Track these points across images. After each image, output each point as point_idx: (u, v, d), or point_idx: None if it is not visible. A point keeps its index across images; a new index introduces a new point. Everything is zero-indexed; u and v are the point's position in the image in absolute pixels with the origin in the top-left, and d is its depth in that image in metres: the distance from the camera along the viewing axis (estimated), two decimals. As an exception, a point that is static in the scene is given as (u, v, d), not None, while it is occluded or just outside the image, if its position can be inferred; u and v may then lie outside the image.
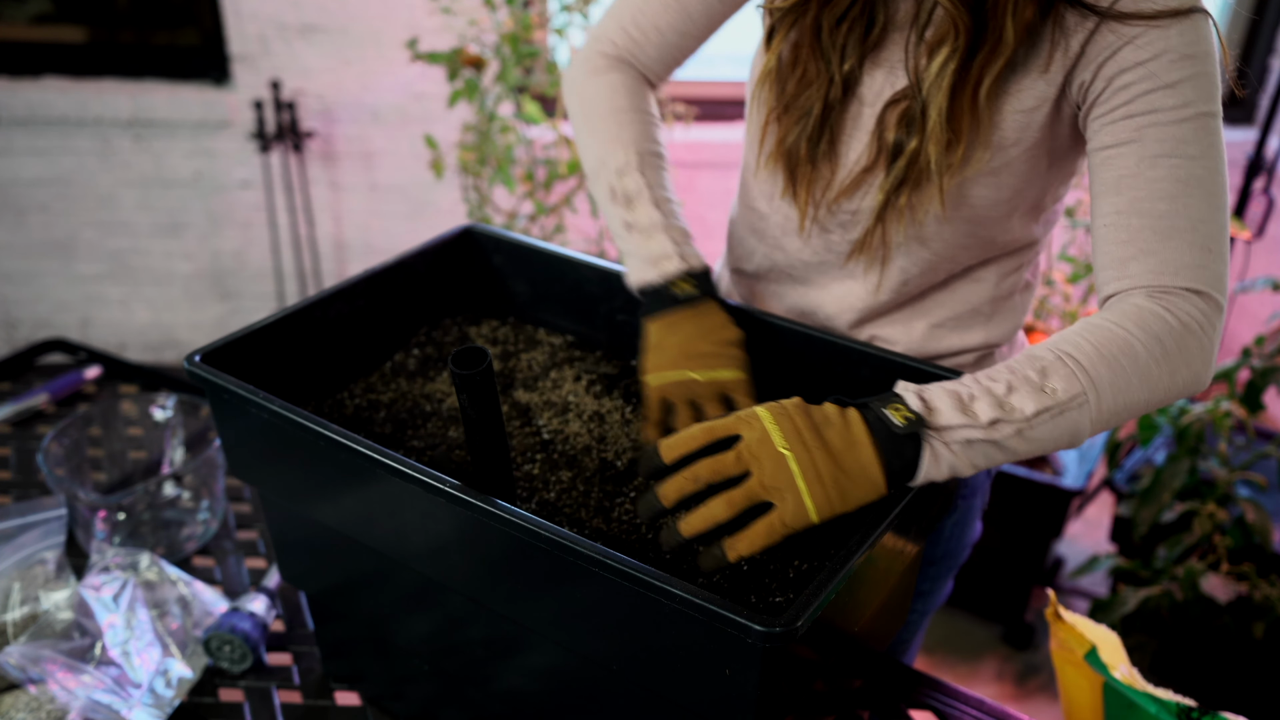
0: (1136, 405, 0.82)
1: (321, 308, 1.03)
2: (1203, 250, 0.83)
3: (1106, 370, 0.80)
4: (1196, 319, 0.83)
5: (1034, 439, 0.79)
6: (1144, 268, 0.84)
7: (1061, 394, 0.78)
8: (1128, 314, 0.83)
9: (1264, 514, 1.92)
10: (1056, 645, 0.96)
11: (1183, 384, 0.84)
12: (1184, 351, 0.82)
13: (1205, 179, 0.83)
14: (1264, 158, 2.38)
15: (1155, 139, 0.84)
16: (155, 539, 1.26)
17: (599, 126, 1.04)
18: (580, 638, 0.78)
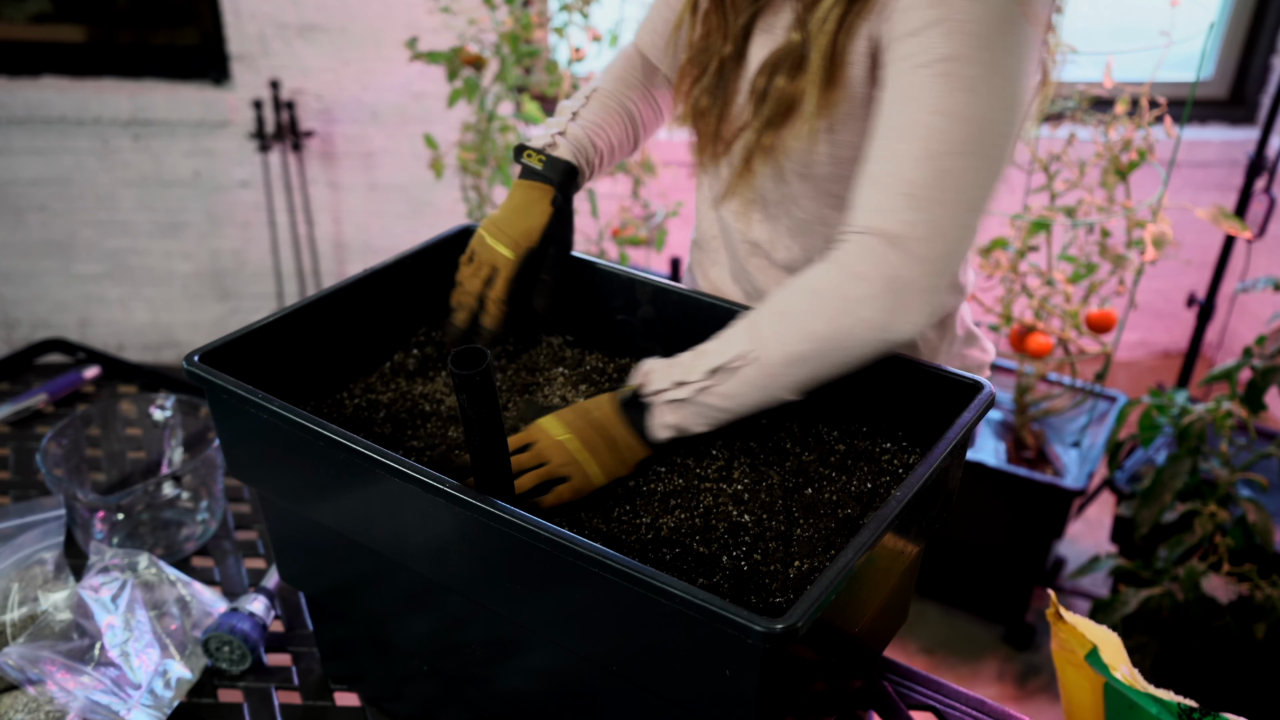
0: (806, 353, 0.86)
1: (321, 308, 1.03)
2: (899, 195, 0.83)
3: (773, 324, 0.87)
4: (857, 267, 0.84)
5: (729, 394, 0.88)
6: (852, 210, 0.88)
7: (730, 352, 0.88)
8: (807, 270, 0.89)
9: (1265, 514, 1.92)
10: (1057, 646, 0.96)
11: (848, 330, 0.85)
12: (843, 299, 0.85)
13: (929, 125, 0.82)
14: (1265, 157, 2.38)
15: (898, 88, 0.86)
16: (154, 539, 1.25)
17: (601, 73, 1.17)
18: (580, 638, 0.78)
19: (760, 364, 0.87)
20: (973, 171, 0.83)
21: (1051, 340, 2.19)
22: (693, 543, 0.85)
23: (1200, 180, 3.08)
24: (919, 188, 0.83)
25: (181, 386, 1.54)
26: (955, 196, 0.83)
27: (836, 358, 0.87)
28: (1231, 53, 3.02)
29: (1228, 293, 3.12)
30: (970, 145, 0.83)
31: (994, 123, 0.83)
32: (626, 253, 2.56)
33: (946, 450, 0.82)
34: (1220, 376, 1.92)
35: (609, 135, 1.11)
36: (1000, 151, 0.85)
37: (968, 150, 0.83)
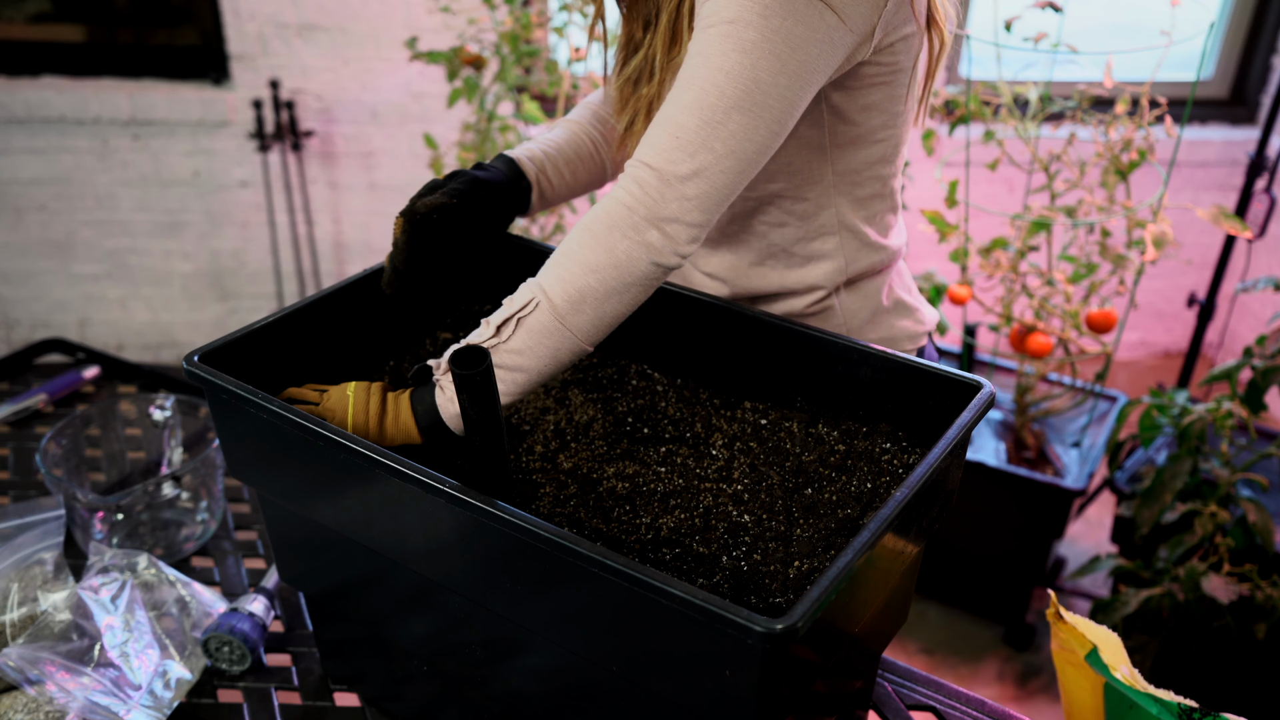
0: (589, 288, 0.89)
1: (321, 308, 1.03)
2: (670, 136, 0.89)
3: (552, 269, 0.90)
4: (623, 199, 0.89)
5: (516, 349, 0.89)
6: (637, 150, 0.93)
7: (517, 302, 0.90)
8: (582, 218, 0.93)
9: (1266, 514, 1.92)
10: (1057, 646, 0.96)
11: (625, 256, 0.89)
12: (616, 227, 0.89)
13: (701, 77, 0.89)
14: (1265, 157, 2.38)
15: (692, 46, 0.92)
16: (154, 539, 1.25)
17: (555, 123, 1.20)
18: (580, 638, 0.78)
19: (544, 307, 0.89)
20: (738, 125, 0.89)
21: (1052, 340, 2.19)
22: (693, 543, 0.85)
23: (1200, 180, 3.08)
24: (686, 132, 0.89)
25: (181, 386, 1.54)
26: (719, 145, 0.89)
27: (618, 290, 0.90)
28: (1232, 52, 3.02)
29: (1228, 293, 3.12)
30: (739, 101, 0.89)
31: (768, 85, 0.89)
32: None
33: (946, 450, 0.82)
34: (1221, 376, 1.92)
35: (569, 150, 1.14)
36: (772, 112, 0.90)
37: (736, 105, 0.89)
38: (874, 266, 1.14)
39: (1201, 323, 2.51)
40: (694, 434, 0.99)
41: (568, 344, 0.90)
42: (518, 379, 0.90)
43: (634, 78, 1.08)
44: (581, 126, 1.17)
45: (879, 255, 1.14)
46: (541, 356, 0.89)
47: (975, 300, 2.23)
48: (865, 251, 1.13)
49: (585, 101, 1.21)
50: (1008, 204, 2.74)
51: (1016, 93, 2.14)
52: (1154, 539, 2.09)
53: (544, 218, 2.50)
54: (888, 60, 0.99)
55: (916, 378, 0.95)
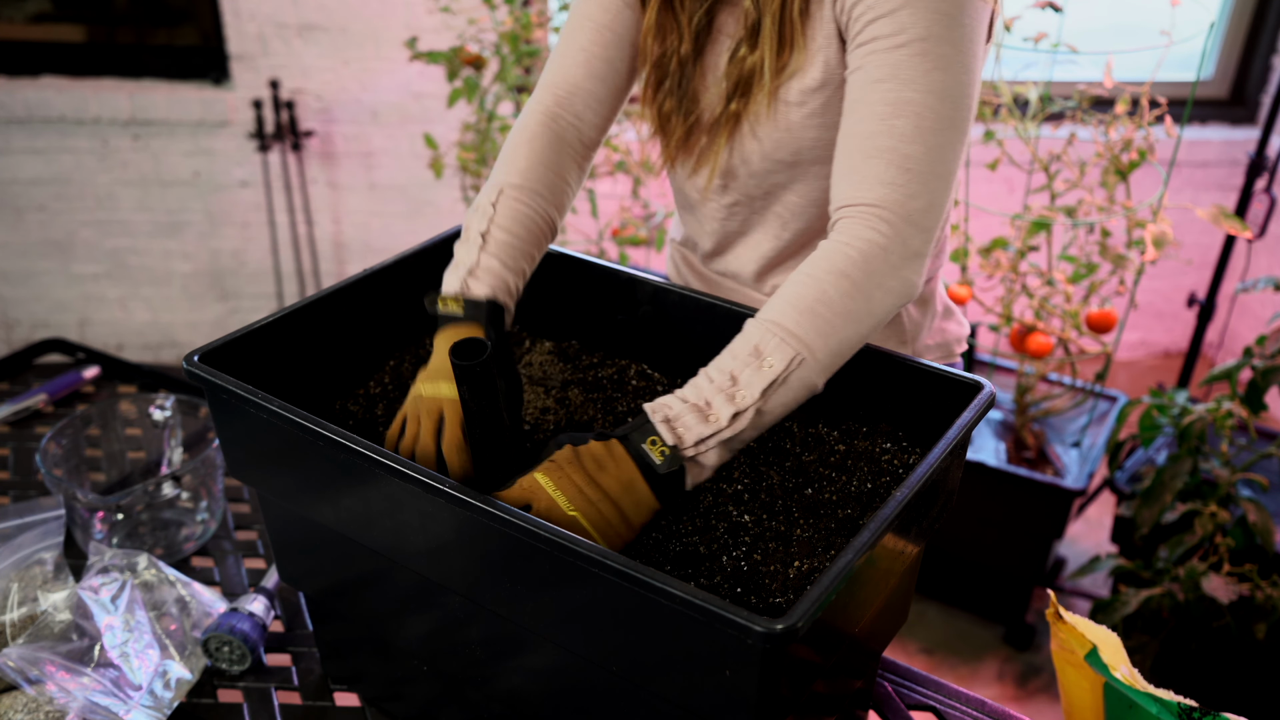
0: (850, 340, 0.86)
1: (321, 308, 1.03)
2: (899, 170, 0.87)
3: (811, 323, 0.85)
4: (877, 240, 0.86)
5: (773, 409, 0.84)
6: (844, 187, 0.89)
7: (779, 364, 0.83)
8: (816, 261, 0.88)
9: (1266, 514, 1.92)
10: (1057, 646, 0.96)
11: (882, 306, 0.87)
12: (872, 276, 0.86)
13: (916, 102, 0.87)
14: (1265, 157, 2.38)
15: (875, 65, 0.88)
16: (154, 539, 1.25)
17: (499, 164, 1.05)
18: (580, 638, 0.78)
19: (809, 364, 0.84)
20: (953, 145, 0.88)
21: (1052, 340, 2.19)
22: (692, 543, 0.85)
23: (1200, 180, 3.08)
24: (916, 162, 0.87)
25: (181, 386, 1.54)
26: (943, 169, 0.88)
27: (867, 335, 0.88)
28: (1232, 53, 3.02)
29: (1228, 293, 3.12)
30: (951, 120, 0.88)
31: (965, 97, 0.89)
32: (626, 253, 2.56)
33: (946, 450, 0.82)
34: (1220, 376, 1.92)
35: (526, 248, 1.01)
36: (969, 122, 0.90)
37: (950, 125, 0.88)
38: (934, 275, 1.16)
39: (1201, 323, 2.51)
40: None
41: (813, 390, 0.86)
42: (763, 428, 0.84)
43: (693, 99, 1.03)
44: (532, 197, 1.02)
45: (938, 261, 1.15)
46: (791, 406, 0.85)
47: (975, 300, 2.23)
48: (933, 261, 1.14)
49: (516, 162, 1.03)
50: (1008, 204, 2.74)
51: (1016, 92, 2.14)
52: (1154, 539, 2.09)
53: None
54: None
55: (916, 378, 0.95)
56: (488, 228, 0.99)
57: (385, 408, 1.03)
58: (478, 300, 0.95)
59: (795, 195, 1.06)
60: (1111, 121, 2.05)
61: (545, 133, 1.05)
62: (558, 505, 0.80)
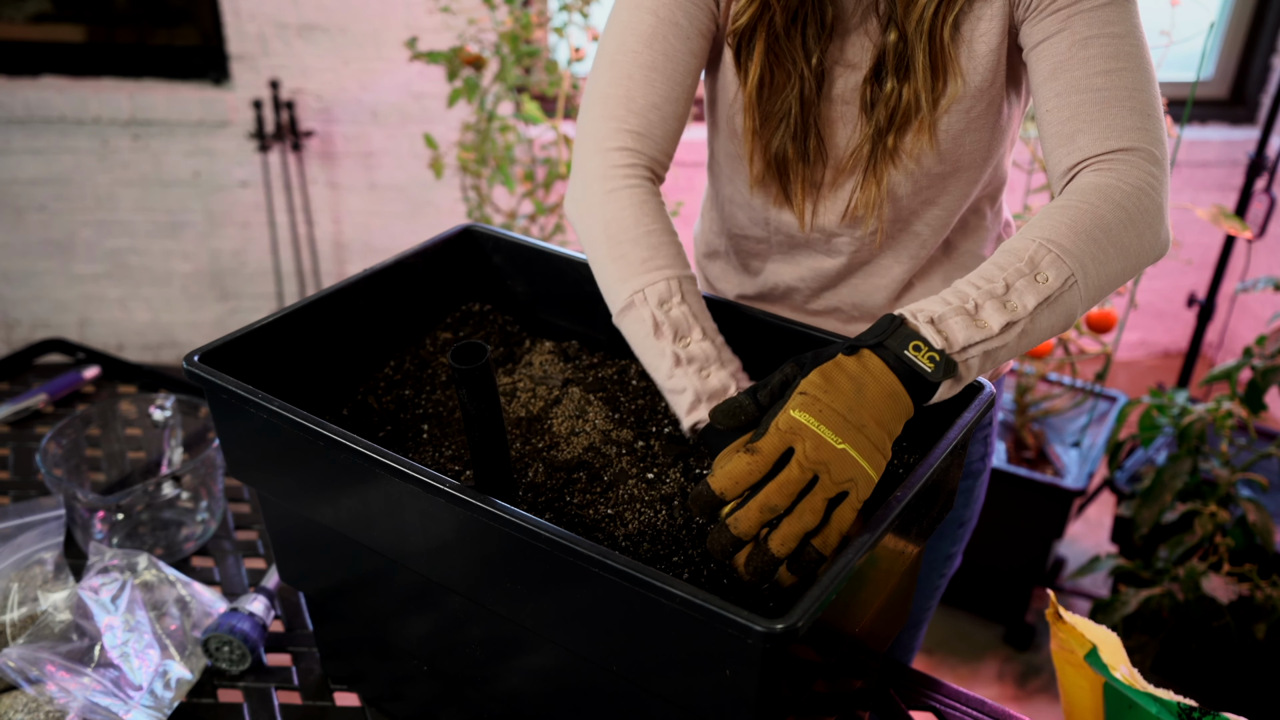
0: (1116, 275, 0.85)
1: (321, 308, 1.03)
2: (1142, 114, 0.88)
3: (1088, 247, 0.82)
4: (1146, 180, 0.86)
5: (1038, 331, 0.81)
6: (1090, 138, 0.88)
7: (1054, 280, 0.80)
8: (1086, 190, 0.86)
9: (1265, 514, 1.92)
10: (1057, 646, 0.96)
11: (1149, 246, 0.87)
12: (1144, 213, 0.86)
13: (1133, 53, 0.89)
14: (1265, 157, 2.38)
15: (1083, 24, 0.89)
16: (154, 539, 1.25)
17: (629, 251, 0.93)
18: (580, 638, 0.78)
19: (1081, 286, 0.82)
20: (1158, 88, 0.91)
21: (1051, 340, 2.19)
22: (693, 542, 0.85)
23: (1200, 180, 3.08)
24: (1153, 108, 0.89)
25: (181, 386, 1.54)
26: (1161, 112, 0.90)
27: (1129, 276, 0.87)
28: (1231, 53, 3.02)
29: (1228, 293, 3.12)
30: (1151, 65, 0.90)
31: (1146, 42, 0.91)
32: (626, 253, 2.56)
33: (946, 450, 0.82)
34: (1220, 376, 1.92)
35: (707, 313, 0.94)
36: None
37: (1155, 72, 0.91)
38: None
39: (1201, 323, 2.51)
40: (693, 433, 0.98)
41: (1071, 321, 0.83)
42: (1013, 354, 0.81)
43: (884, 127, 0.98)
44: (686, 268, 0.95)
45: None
46: (1046, 334, 0.81)
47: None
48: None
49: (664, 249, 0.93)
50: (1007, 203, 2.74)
51: (1016, 93, 2.14)
52: (1154, 539, 2.09)
53: (544, 217, 2.50)
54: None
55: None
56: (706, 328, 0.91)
57: (387, 407, 1.03)
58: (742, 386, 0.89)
59: (939, 209, 1.05)
60: (1111, 121, 2.05)
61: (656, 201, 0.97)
62: (825, 442, 0.71)
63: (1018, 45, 0.96)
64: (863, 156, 1.01)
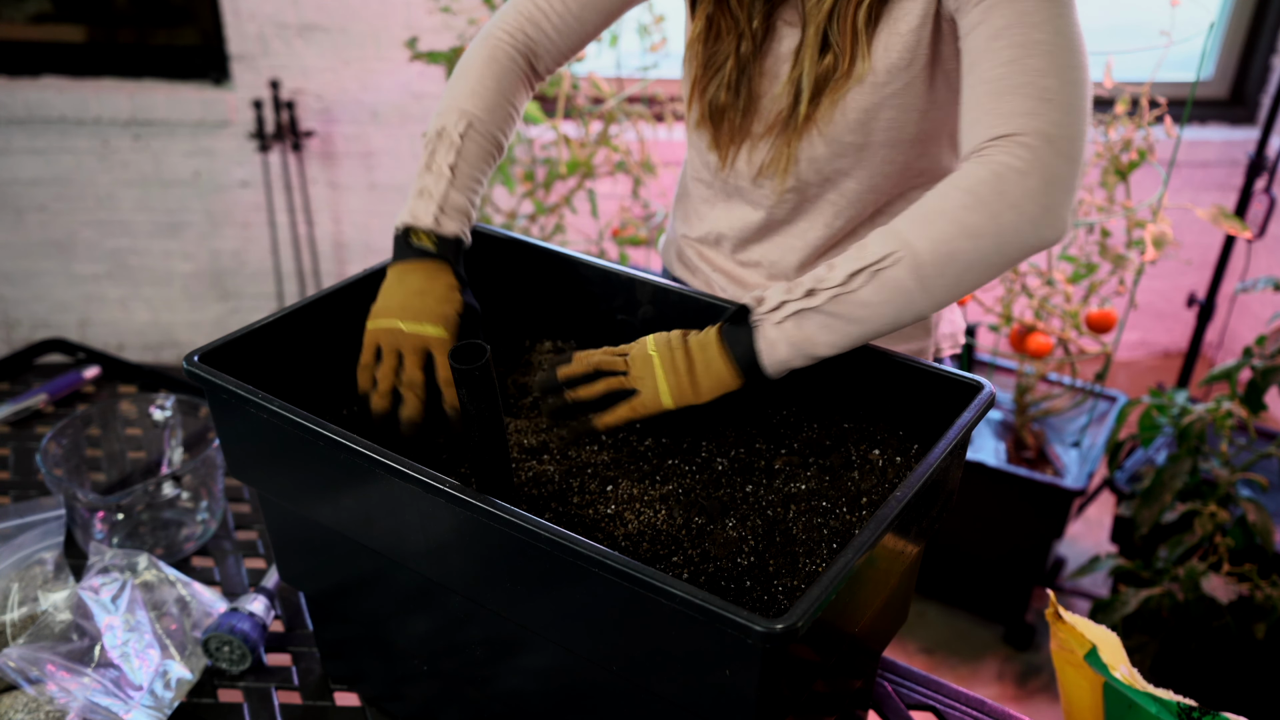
0: (963, 251, 0.84)
1: (321, 308, 1.03)
2: (1037, 100, 0.85)
3: (919, 225, 0.85)
4: (1013, 164, 0.84)
5: (863, 302, 0.85)
6: (981, 128, 0.87)
7: (876, 253, 0.85)
8: (949, 179, 0.87)
9: (1265, 514, 1.92)
10: (1057, 646, 0.96)
11: (1009, 225, 0.84)
12: (1002, 195, 0.84)
13: (1046, 41, 0.86)
14: (1265, 157, 2.38)
15: (999, 16, 0.88)
16: (154, 539, 1.25)
17: (461, 84, 1.07)
18: (580, 638, 0.78)
19: (908, 263, 0.84)
20: (1086, 82, 0.88)
21: (1051, 340, 2.19)
22: (692, 542, 0.85)
23: (1200, 180, 3.08)
24: (1055, 94, 0.85)
25: (181, 386, 1.54)
26: (1081, 105, 0.87)
27: (991, 258, 0.85)
28: (1231, 53, 3.02)
29: (1228, 293, 3.12)
30: (1080, 63, 0.88)
31: (1083, 46, 0.89)
32: (626, 253, 2.56)
33: (946, 450, 0.82)
34: (1220, 376, 1.92)
35: (483, 182, 1.05)
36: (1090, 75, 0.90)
37: (1081, 66, 0.87)
38: None
39: (1201, 323, 2.51)
40: (693, 433, 0.99)
41: (914, 309, 0.85)
42: (850, 332, 0.86)
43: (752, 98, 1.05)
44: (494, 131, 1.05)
45: None
46: (885, 315, 0.85)
47: (975, 300, 2.23)
48: None
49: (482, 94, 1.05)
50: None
51: (1016, 93, 2.14)
52: (1154, 539, 2.09)
53: (544, 217, 2.50)
54: None
55: (916, 378, 0.95)
56: (455, 161, 1.02)
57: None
58: (447, 238, 0.99)
59: (855, 182, 1.06)
60: (1111, 121, 2.05)
61: (511, 65, 1.07)
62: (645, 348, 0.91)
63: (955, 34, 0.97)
64: (783, 117, 1.05)
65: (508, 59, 1.07)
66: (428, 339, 0.94)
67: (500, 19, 1.09)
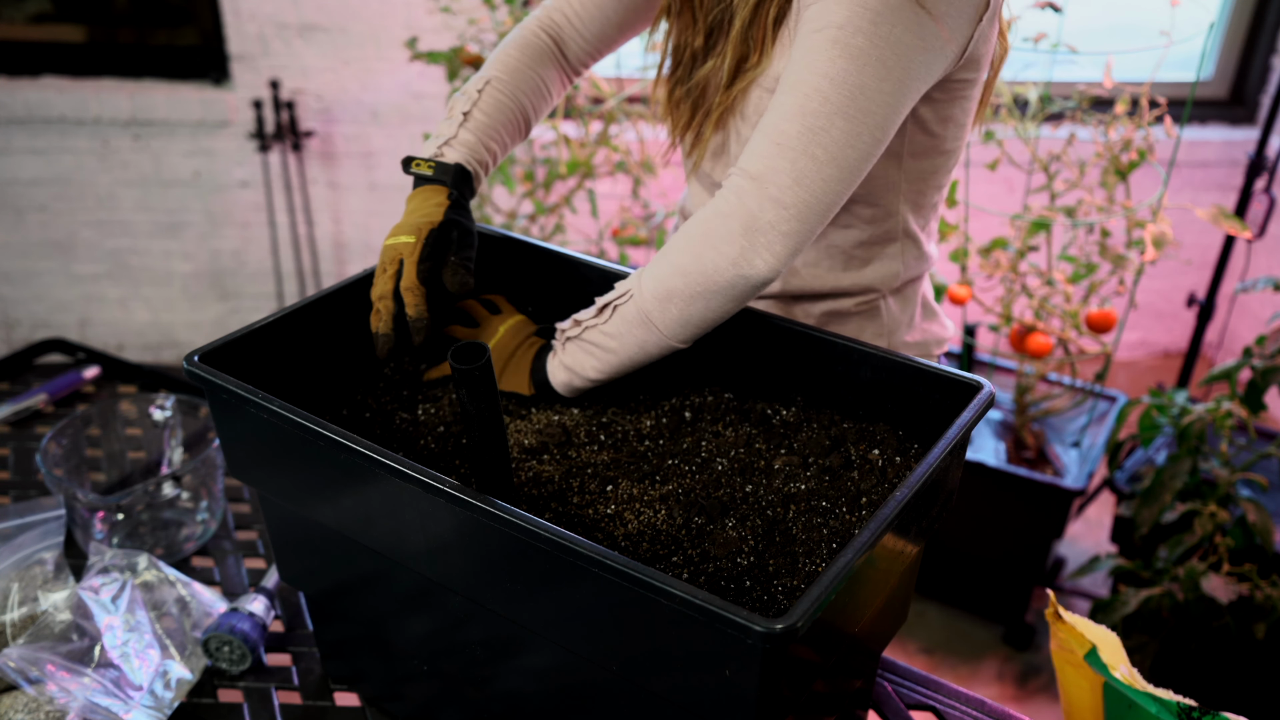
0: (676, 289, 0.91)
1: (321, 308, 1.03)
2: (771, 144, 0.88)
3: (651, 265, 0.93)
4: (721, 206, 0.90)
5: (609, 334, 0.94)
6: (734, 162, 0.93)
7: (620, 288, 0.94)
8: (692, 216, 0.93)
9: (1265, 514, 1.92)
10: (1057, 646, 0.96)
11: (711, 264, 0.89)
12: (709, 235, 0.90)
13: (805, 83, 0.88)
14: (1265, 157, 2.38)
15: (795, 49, 0.91)
16: (154, 539, 1.25)
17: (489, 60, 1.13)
18: (579, 638, 0.78)
19: (636, 300, 0.92)
20: (841, 132, 0.88)
21: (1051, 340, 2.19)
22: (692, 542, 0.85)
23: (1200, 180, 3.08)
24: (788, 138, 0.88)
25: (181, 386, 1.54)
26: (820, 152, 0.88)
27: (703, 295, 0.90)
28: (1231, 53, 3.02)
29: (1228, 293, 3.12)
30: (844, 107, 0.87)
31: (872, 92, 0.88)
32: (626, 253, 2.56)
33: (946, 450, 0.82)
34: (1220, 376, 1.92)
35: (501, 134, 1.10)
36: (876, 119, 0.89)
37: (840, 111, 0.87)
38: (920, 273, 1.17)
39: (1201, 323, 2.51)
40: (693, 433, 0.99)
41: (654, 338, 0.93)
42: (609, 360, 0.95)
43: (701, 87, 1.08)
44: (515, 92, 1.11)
45: (925, 263, 1.17)
46: (629, 345, 0.94)
47: (975, 300, 2.23)
48: (919, 260, 1.16)
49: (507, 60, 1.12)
50: (1007, 204, 2.74)
51: (1016, 93, 2.14)
52: (1154, 539, 2.09)
53: (544, 217, 2.50)
54: (971, 75, 1.00)
55: (916, 378, 0.95)
56: (470, 109, 1.08)
57: (387, 407, 1.03)
58: (447, 164, 1.04)
59: None
60: (1111, 122, 2.05)
61: (537, 41, 1.13)
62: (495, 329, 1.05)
63: None
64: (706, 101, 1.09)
65: (534, 37, 1.13)
66: (399, 248, 0.99)
67: (531, 15, 1.16)
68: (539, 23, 1.14)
